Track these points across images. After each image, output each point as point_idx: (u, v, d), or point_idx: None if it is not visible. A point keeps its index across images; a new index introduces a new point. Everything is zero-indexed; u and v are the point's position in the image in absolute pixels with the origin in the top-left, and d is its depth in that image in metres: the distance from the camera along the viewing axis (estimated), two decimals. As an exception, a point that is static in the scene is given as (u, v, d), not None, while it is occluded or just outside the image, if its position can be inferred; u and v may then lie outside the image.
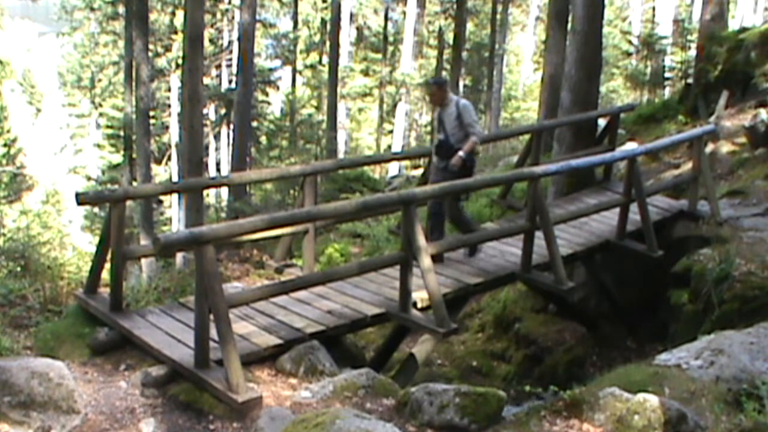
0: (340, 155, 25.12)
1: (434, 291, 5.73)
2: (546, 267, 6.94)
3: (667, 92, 19.68)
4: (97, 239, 7.09)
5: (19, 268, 8.58)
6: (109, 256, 5.89)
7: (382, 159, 20.89)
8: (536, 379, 7.73)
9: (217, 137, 28.94)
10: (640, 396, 4.11)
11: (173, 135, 26.75)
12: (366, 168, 19.48)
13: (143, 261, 12.58)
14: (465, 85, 31.32)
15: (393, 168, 24.74)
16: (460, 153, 6.80)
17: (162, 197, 24.21)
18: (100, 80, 34.16)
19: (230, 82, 27.65)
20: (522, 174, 7.39)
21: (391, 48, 33.89)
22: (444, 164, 6.95)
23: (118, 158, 26.69)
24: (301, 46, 31.07)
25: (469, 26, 30.09)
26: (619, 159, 8.61)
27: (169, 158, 27.46)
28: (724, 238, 7.60)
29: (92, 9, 29.74)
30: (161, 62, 26.84)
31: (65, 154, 41.17)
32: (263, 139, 26.62)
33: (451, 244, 6.83)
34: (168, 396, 4.84)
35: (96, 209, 24.06)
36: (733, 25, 17.43)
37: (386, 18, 33.36)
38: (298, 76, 30.53)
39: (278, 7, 32.71)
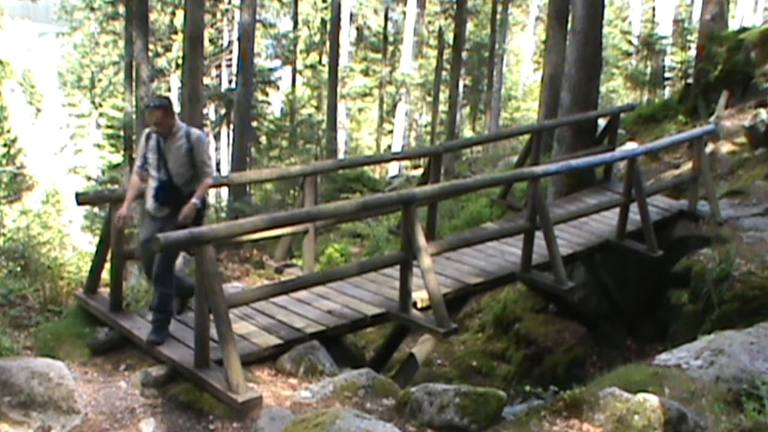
0: (340, 155, 25.12)
1: (434, 291, 5.73)
2: (546, 267, 6.94)
3: (667, 92, 19.68)
4: (97, 239, 7.09)
5: (19, 268, 8.57)
6: (109, 256, 5.89)
7: (382, 159, 20.92)
8: (536, 379, 7.73)
9: (217, 137, 28.94)
10: (640, 396, 4.11)
11: (173, 135, 26.66)
12: (366, 168, 19.48)
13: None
14: (465, 85, 31.31)
15: (393, 168, 24.74)
16: (194, 201, 5.13)
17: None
18: (100, 80, 34.15)
19: (230, 82, 27.64)
20: (522, 174, 7.39)
21: (391, 48, 33.87)
22: (166, 213, 5.26)
23: (118, 158, 26.65)
24: (301, 46, 31.06)
25: (469, 26, 30.07)
26: (619, 159, 8.61)
27: (169, 158, 27.39)
28: (724, 238, 7.60)
29: (92, 9, 29.73)
30: (161, 62, 26.84)
31: (65, 154, 41.15)
32: (263, 139, 26.59)
33: (452, 244, 6.83)
34: (168, 396, 4.84)
35: (96, 209, 24.03)
36: (733, 25, 17.43)
37: (386, 18, 33.35)
38: (298, 76, 30.52)
39: (278, 7, 32.71)
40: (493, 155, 21.29)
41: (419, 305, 6.06)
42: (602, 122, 10.56)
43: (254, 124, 23.41)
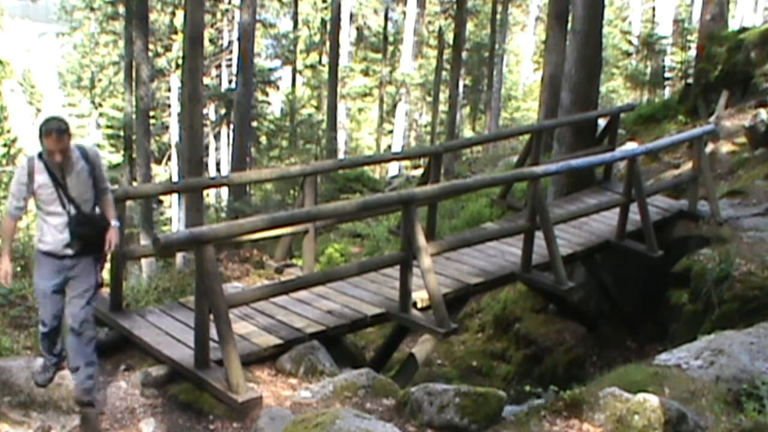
0: (340, 155, 25.13)
1: (434, 291, 5.73)
2: (546, 267, 6.94)
3: (667, 92, 19.69)
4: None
5: (19, 268, 8.57)
6: (109, 256, 5.89)
7: (382, 159, 20.93)
8: (536, 379, 7.73)
9: (217, 137, 28.94)
10: (640, 396, 4.11)
11: (173, 135, 26.74)
12: (366, 168, 19.50)
13: (143, 261, 12.57)
14: (465, 85, 31.32)
15: (393, 168, 24.75)
16: (115, 223, 4.51)
17: (162, 197, 24.20)
18: (100, 80, 34.13)
19: (230, 82, 27.64)
20: (522, 174, 7.39)
21: (391, 48, 33.88)
22: (78, 248, 4.39)
23: (118, 158, 26.68)
24: (301, 46, 31.06)
25: (469, 26, 30.08)
26: (619, 159, 8.61)
27: (169, 158, 27.46)
28: (724, 238, 7.60)
29: (92, 9, 29.72)
30: (161, 62, 26.84)
31: (65, 154, 41.04)
32: (263, 139, 26.61)
33: (452, 244, 6.83)
34: (168, 396, 4.84)
35: (96, 209, 23.97)
36: (733, 25, 17.42)
37: (386, 18, 33.36)
38: (298, 76, 30.53)
39: (278, 7, 32.71)
40: (493, 155, 21.30)
41: (419, 305, 6.05)
42: (602, 122, 10.55)
43: (254, 124, 23.44)
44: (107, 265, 5.91)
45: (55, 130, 4.20)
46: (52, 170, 4.32)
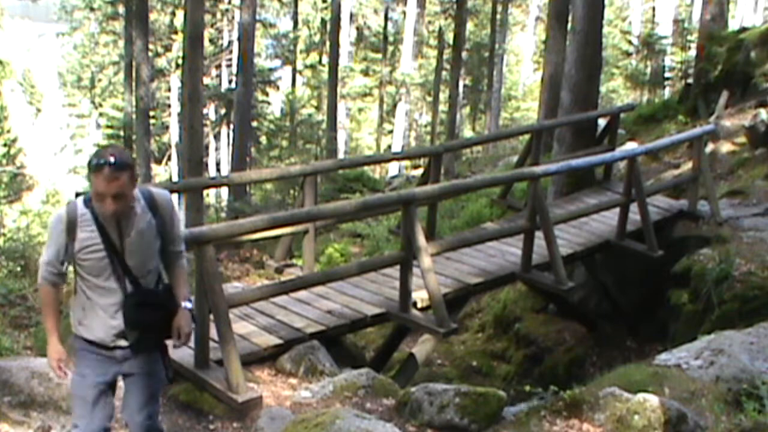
0: (340, 155, 25.11)
1: (434, 291, 5.73)
2: (546, 267, 6.94)
3: (667, 92, 19.69)
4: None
5: (19, 268, 8.57)
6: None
7: (382, 159, 20.94)
8: (536, 379, 7.72)
9: (217, 137, 28.94)
10: (640, 396, 4.11)
11: (173, 135, 26.75)
12: (366, 168, 19.46)
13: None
14: (465, 85, 31.31)
15: (393, 168, 24.73)
16: (186, 305, 3.27)
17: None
18: (100, 80, 34.17)
19: (230, 82, 27.64)
20: (522, 174, 7.39)
21: (391, 48, 33.87)
22: (135, 337, 3.18)
23: (118, 158, 26.62)
24: (301, 46, 31.06)
25: (469, 26, 30.06)
26: (619, 159, 8.61)
27: (169, 158, 27.47)
28: (724, 238, 7.60)
29: (92, 9, 29.73)
30: (161, 62, 26.85)
31: (65, 154, 41.15)
32: (263, 139, 26.61)
33: (452, 244, 6.83)
34: (168, 396, 4.83)
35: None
36: (733, 25, 17.43)
37: (386, 18, 33.35)
38: (298, 76, 30.53)
39: (278, 7, 32.71)
40: (493, 155, 21.29)
41: (419, 305, 6.05)
42: (602, 122, 10.55)
43: (254, 124, 23.43)
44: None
45: (109, 165, 2.89)
46: (104, 225, 3.04)
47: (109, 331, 3.15)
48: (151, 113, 22.34)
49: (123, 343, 3.17)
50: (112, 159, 2.91)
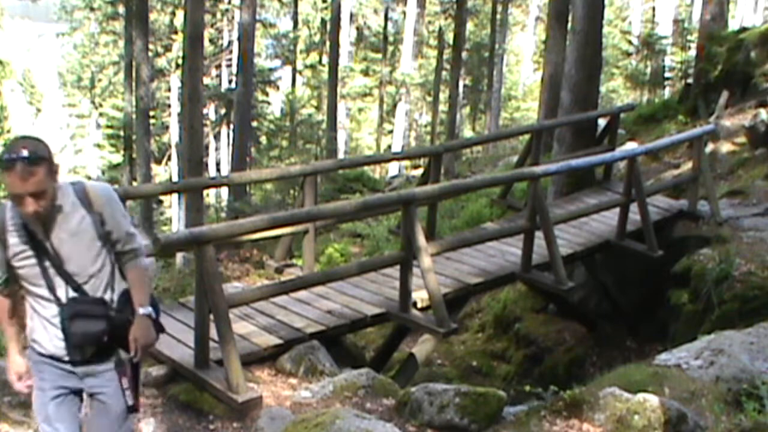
0: (340, 155, 25.13)
1: (434, 291, 5.73)
2: (546, 267, 6.94)
3: (667, 92, 19.70)
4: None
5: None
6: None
7: (382, 159, 20.94)
8: (536, 379, 7.73)
9: (217, 137, 28.94)
10: (640, 396, 4.11)
11: (173, 135, 26.75)
12: (366, 168, 19.49)
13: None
14: (465, 85, 31.32)
15: (393, 168, 24.74)
16: (143, 311, 2.83)
17: (162, 197, 24.21)
18: (100, 80, 34.16)
19: (230, 82, 27.65)
20: (522, 174, 7.39)
21: (391, 48, 33.89)
22: (90, 353, 2.81)
23: (118, 158, 26.71)
24: (301, 46, 31.07)
25: (469, 26, 30.08)
26: (619, 159, 8.61)
27: (169, 158, 27.47)
28: (724, 238, 7.60)
29: (92, 9, 29.75)
30: (161, 62, 26.85)
31: (65, 154, 41.15)
32: (263, 139, 26.62)
33: (452, 244, 6.83)
34: (168, 396, 4.83)
35: (96, 209, 24.01)
36: (733, 25, 17.43)
37: (386, 18, 33.36)
38: (298, 76, 30.54)
39: (278, 7, 32.72)
40: (493, 155, 21.29)
41: (419, 305, 6.05)
42: (602, 122, 10.56)
43: (254, 124, 23.44)
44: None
45: (22, 159, 2.53)
46: (31, 228, 2.70)
47: (58, 344, 2.78)
48: (151, 113, 22.34)
49: (78, 357, 2.80)
50: (24, 152, 2.54)
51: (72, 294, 2.75)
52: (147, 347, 2.83)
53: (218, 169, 28.65)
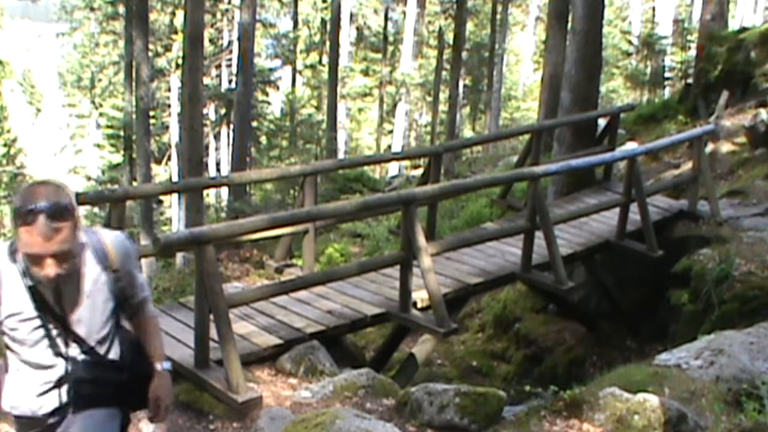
0: (340, 155, 25.14)
1: (434, 291, 5.73)
2: (546, 267, 6.94)
3: (667, 92, 19.70)
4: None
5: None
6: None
7: (382, 159, 20.93)
8: (536, 379, 7.73)
9: (217, 137, 28.95)
10: (640, 396, 4.11)
11: (173, 135, 26.76)
12: (366, 168, 19.50)
13: (143, 261, 12.57)
14: (465, 85, 31.32)
15: (393, 168, 24.75)
16: (161, 366, 2.70)
17: (162, 197, 24.22)
18: (100, 80, 34.17)
19: (230, 82, 27.65)
20: (522, 174, 7.39)
21: (391, 48, 33.88)
22: (101, 400, 2.46)
23: (118, 158, 26.70)
24: (301, 46, 31.07)
25: (469, 26, 30.08)
26: (619, 159, 8.61)
27: (169, 158, 27.47)
28: (724, 238, 7.60)
29: (92, 9, 29.76)
30: (161, 62, 26.86)
31: (65, 154, 41.17)
32: (263, 139, 26.62)
33: (452, 244, 6.83)
34: (168, 396, 4.83)
35: (96, 209, 24.10)
36: (733, 25, 17.43)
37: (386, 18, 33.36)
38: (298, 76, 30.54)
39: (278, 7, 32.73)
40: (493, 155, 21.29)
41: (419, 305, 6.05)
42: (602, 122, 10.56)
43: (254, 124, 23.45)
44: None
45: (45, 212, 2.08)
46: (38, 288, 2.26)
47: (43, 406, 2.42)
48: (151, 113, 22.34)
49: (58, 417, 2.44)
50: (44, 204, 2.06)
51: (81, 356, 2.38)
52: (171, 407, 2.62)
53: (218, 169, 28.65)
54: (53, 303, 2.30)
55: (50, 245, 2.11)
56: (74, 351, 2.38)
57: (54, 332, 2.33)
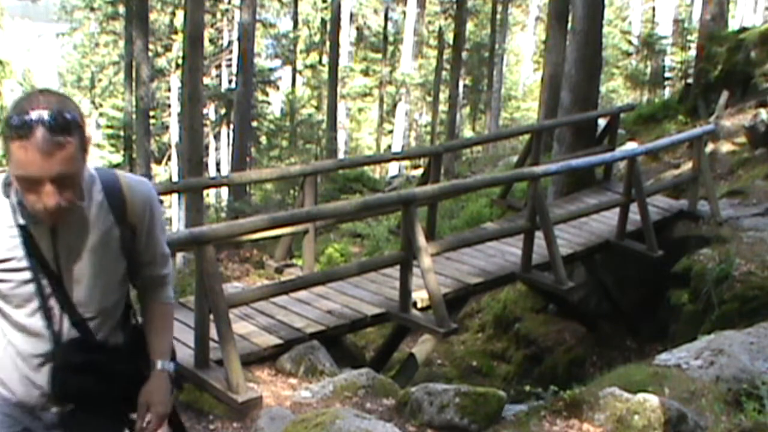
0: (340, 155, 25.13)
1: (434, 291, 5.73)
2: (546, 267, 6.94)
3: (667, 92, 19.70)
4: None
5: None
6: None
7: (382, 159, 20.95)
8: (536, 379, 7.72)
9: (217, 137, 28.94)
10: (640, 396, 4.11)
11: (173, 135, 26.76)
12: (366, 168, 19.49)
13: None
14: (465, 85, 31.32)
15: (393, 168, 24.75)
16: (162, 365, 2.02)
17: (162, 197, 24.06)
18: (100, 80, 34.17)
19: (230, 82, 27.65)
20: (522, 174, 7.39)
21: (391, 48, 33.89)
22: (96, 406, 1.93)
23: (118, 158, 26.68)
24: (301, 46, 31.08)
25: (469, 26, 30.07)
26: (619, 159, 8.61)
27: (169, 158, 27.47)
28: (724, 238, 7.60)
29: (92, 9, 29.76)
30: (161, 62, 26.87)
31: (65, 154, 41.08)
32: (263, 139, 26.62)
33: (452, 244, 6.83)
34: (168, 396, 4.82)
35: (96, 209, 24.05)
36: (733, 25, 17.43)
37: (386, 18, 33.36)
38: (298, 76, 30.55)
39: (278, 7, 32.73)
40: (493, 155, 21.29)
41: (419, 305, 6.05)
42: (602, 122, 10.56)
43: (254, 124, 23.45)
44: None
45: (44, 123, 1.61)
46: (31, 230, 1.79)
47: (32, 392, 1.91)
48: (151, 113, 22.35)
49: (54, 409, 1.94)
50: (45, 114, 1.61)
51: (72, 332, 1.87)
52: (164, 418, 2.01)
53: (218, 169, 28.65)
54: (47, 250, 1.79)
55: (50, 165, 1.63)
56: (67, 323, 1.86)
57: (47, 290, 1.82)
